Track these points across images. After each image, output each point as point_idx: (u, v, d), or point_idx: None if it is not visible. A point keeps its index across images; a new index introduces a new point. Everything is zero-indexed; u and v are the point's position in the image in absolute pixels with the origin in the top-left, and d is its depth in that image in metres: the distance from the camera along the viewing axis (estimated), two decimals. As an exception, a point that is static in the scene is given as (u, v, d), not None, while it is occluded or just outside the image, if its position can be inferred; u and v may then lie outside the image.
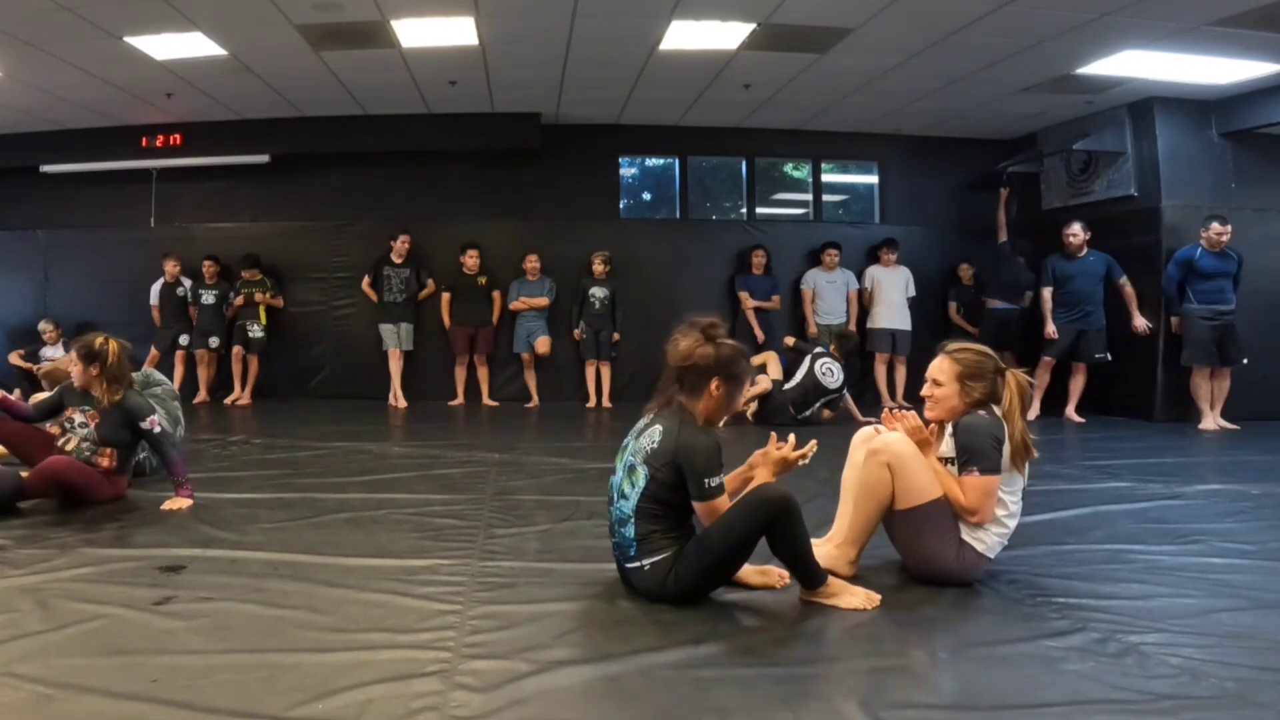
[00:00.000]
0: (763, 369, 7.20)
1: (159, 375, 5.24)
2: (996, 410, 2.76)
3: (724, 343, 2.64)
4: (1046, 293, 7.72)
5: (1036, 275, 7.99)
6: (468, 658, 2.15)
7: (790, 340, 7.92)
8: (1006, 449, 2.72)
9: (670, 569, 2.55)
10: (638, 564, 2.59)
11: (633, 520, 2.58)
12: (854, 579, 2.74)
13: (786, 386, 7.12)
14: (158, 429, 3.88)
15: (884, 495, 2.78)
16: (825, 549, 2.85)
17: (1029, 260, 8.20)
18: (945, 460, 2.82)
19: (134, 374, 5.11)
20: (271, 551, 3.11)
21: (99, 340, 3.89)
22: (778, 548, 2.56)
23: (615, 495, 2.66)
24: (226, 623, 2.38)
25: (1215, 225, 7.02)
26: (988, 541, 2.76)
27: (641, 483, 2.56)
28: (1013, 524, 2.81)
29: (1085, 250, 7.60)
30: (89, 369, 3.86)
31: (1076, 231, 7.59)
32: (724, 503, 2.55)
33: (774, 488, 2.57)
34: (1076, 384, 7.66)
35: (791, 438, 2.74)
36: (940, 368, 2.84)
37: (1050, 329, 7.61)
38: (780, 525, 2.50)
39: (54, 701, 1.87)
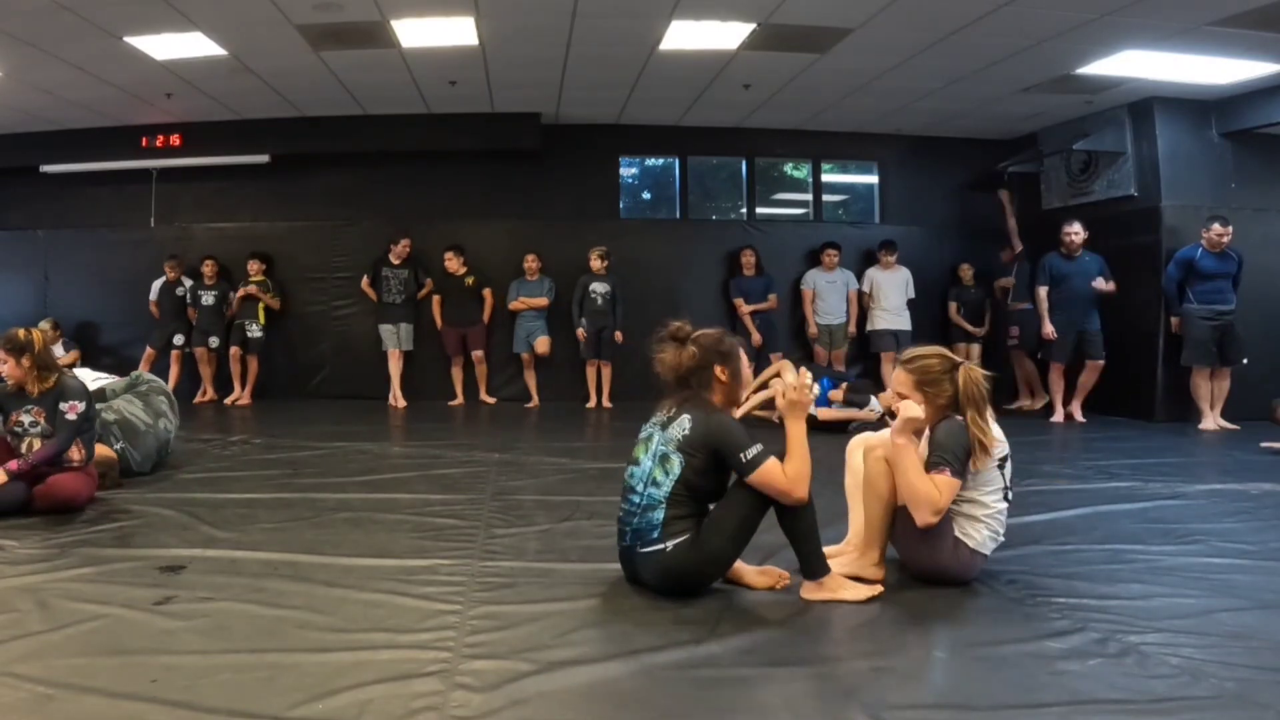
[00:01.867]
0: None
1: (148, 375, 5.23)
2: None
3: (700, 334, 2.73)
4: (1043, 292, 7.69)
5: (1032, 273, 7.99)
6: (468, 658, 2.15)
7: (836, 395, 7.01)
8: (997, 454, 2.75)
9: (692, 547, 2.59)
10: (659, 546, 2.61)
11: (663, 505, 2.61)
12: (883, 580, 2.77)
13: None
14: (73, 416, 3.74)
15: (884, 490, 2.79)
16: (848, 557, 2.86)
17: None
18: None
19: (122, 377, 5.10)
20: (271, 551, 3.11)
21: (21, 332, 3.82)
22: (787, 521, 2.62)
23: (643, 484, 2.67)
24: (226, 623, 2.38)
25: (1216, 226, 7.01)
26: (977, 537, 2.76)
27: (677, 469, 2.60)
28: (1000, 522, 2.80)
29: (1081, 250, 7.60)
30: (20, 362, 3.77)
31: (1078, 230, 7.57)
32: (773, 467, 2.56)
33: None
34: (1086, 380, 7.60)
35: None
36: (900, 380, 2.86)
37: (1048, 329, 7.60)
38: (789, 508, 2.56)
39: (54, 701, 1.87)
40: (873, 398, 6.77)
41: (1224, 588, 2.80)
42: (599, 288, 8.46)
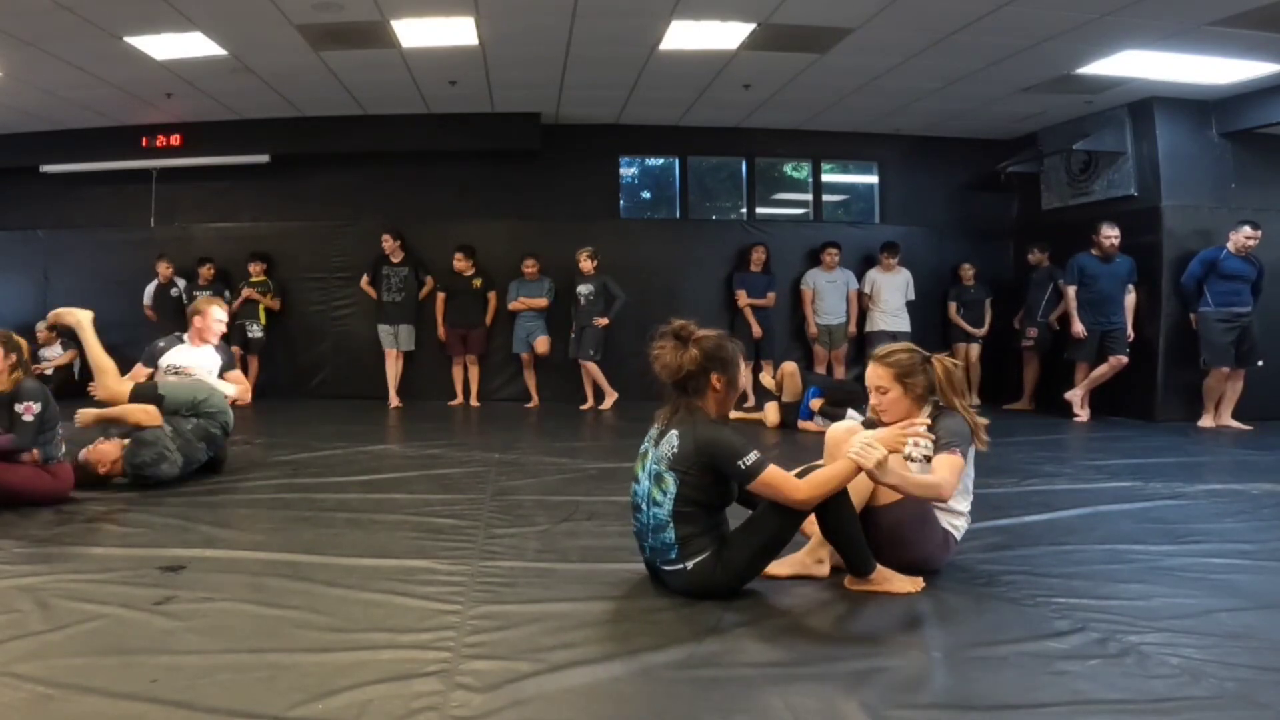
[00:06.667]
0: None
1: (220, 398, 4.71)
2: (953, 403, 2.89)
3: (702, 337, 2.65)
4: (1071, 291, 7.67)
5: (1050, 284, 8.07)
6: (468, 658, 2.15)
7: (816, 404, 6.85)
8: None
9: (716, 564, 2.57)
10: (680, 566, 2.60)
11: (671, 525, 2.58)
12: (826, 578, 2.80)
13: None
14: (29, 417, 3.70)
15: (867, 490, 2.77)
16: (798, 555, 2.84)
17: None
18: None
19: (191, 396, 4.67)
20: (271, 551, 3.11)
21: (15, 335, 3.87)
22: (828, 529, 2.63)
23: (645, 504, 2.66)
24: (226, 623, 2.38)
25: (1246, 229, 6.94)
26: (960, 526, 2.90)
27: (673, 488, 2.58)
28: (968, 509, 2.94)
29: (1117, 254, 7.57)
30: (7, 358, 3.79)
31: (1116, 235, 7.50)
32: (776, 473, 2.52)
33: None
34: (1101, 372, 7.57)
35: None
36: (879, 375, 2.92)
37: (1079, 328, 7.58)
38: (830, 506, 2.53)
39: (54, 701, 1.86)
40: (851, 411, 6.60)
41: (1224, 588, 2.79)
42: (583, 289, 8.44)
